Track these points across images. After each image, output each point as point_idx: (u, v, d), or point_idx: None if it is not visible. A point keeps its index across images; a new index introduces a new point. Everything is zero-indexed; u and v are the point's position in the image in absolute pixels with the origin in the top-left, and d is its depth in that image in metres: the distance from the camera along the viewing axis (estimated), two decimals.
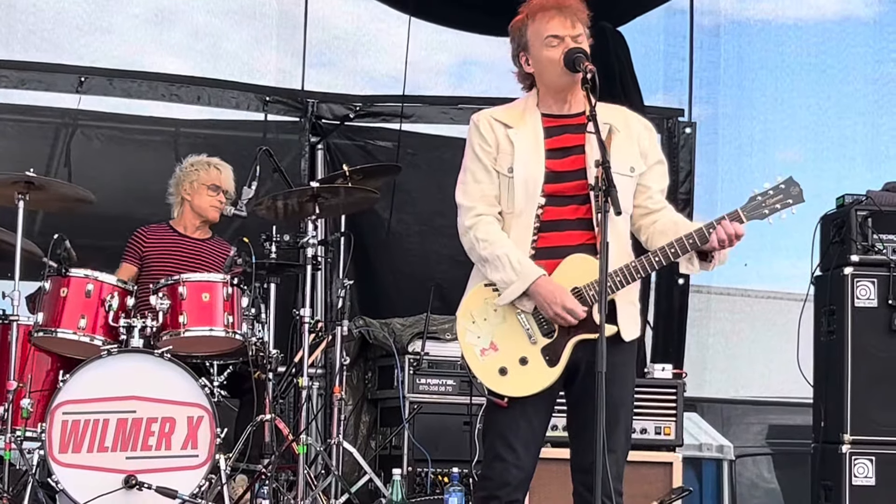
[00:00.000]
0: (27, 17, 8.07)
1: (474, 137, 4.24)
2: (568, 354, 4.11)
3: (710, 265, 4.18)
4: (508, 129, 4.21)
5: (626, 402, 4.20)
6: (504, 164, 4.18)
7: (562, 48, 4.16)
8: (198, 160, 6.83)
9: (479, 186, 4.20)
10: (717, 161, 9.11)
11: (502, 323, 4.15)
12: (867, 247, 6.43)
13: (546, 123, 4.22)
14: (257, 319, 6.12)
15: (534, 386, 4.11)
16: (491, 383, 4.14)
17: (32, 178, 5.76)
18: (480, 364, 4.15)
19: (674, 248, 4.11)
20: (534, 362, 4.12)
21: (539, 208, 4.14)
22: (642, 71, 8.86)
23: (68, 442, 5.52)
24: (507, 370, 4.12)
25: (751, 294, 10.76)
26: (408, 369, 7.08)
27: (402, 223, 8.37)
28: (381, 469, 6.94)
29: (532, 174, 4.15)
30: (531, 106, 4.27)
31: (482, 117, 4.27)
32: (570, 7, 4.21)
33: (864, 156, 9.25)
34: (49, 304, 5.80)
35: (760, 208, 4.16)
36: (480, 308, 4.18)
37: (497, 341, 4.15)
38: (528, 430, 4.15)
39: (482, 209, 4.19)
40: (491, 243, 4.14)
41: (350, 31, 8.70)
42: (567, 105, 4.24)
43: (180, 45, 8.62)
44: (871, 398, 6.34)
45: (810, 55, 9.40)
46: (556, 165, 4.17)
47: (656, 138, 4.36)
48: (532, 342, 4.13)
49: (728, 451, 7.37)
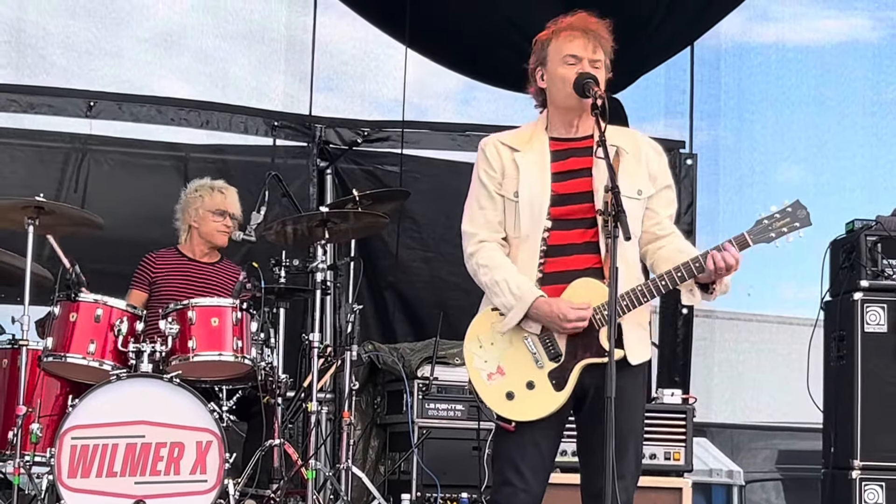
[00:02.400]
0: (36, 41, 8.09)
1: (480, 163, 4.26)
2: (575, 379, 4.10)
3: (710, 296, 4.17)
4: (515, 152, 4.22)
5: (634, 427, 4.19)
6: (510, 189, 4.18)
7: (577, 68, 4.17)
8: (201, 184, 6.82)
9: (482, 213, 4.22)
10: (718, 192, 9.15)
11: (509, 347, 4.15)
12: (877, 272, 6.42)
13: (553, 147, 4.23)
14: (266, 344, 6.12)
15: (541, 410, 4.10)
16: (498, 408, 4.14)
17: (42, 203, 5.76)
18: (487, 388, 4.15)
19: (680, 272, 4.10)
20: (541, 386, 4.11)
21: (545, 231, 4.14)
22: (643, 103, 8.92)
23: (77, 467, 5.51)
24: (514, 394, 4.12)
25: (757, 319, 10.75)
26: (417, 394, 7.07)
27: (409, 248, 8.38)
28: (389, 494, 6.92)
29: (537, 197, 4.15)
30: (539, 129, 4.27)
31: (489, 142, 4.28)
32: (595, 32, 4.23)
33: (863, 187, 9.28)
34: (58, 328, 5.80)
35: (767, 232, 4.15)
36: (487, 333, 4.19)
37: (504, 366, 4.14)
38: (537, 455, 4.14)
39: (485, 235, 4.20)
40: (491, 269, 4.15)
41: (357, 56, 8.73)
42: (574, 129, 4.25)
43: (189, 69, 8.64)
44: (882, 424, 6.33)
45: (810, 87, 9.45)
46: (562, 188, 4.17)
47: (666, 162, 4.35)
48: (539, 366, 4.12)
49: (738, 476, 7.35)
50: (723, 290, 4.16)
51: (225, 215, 6.70)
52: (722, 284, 4.14)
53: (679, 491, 6.16)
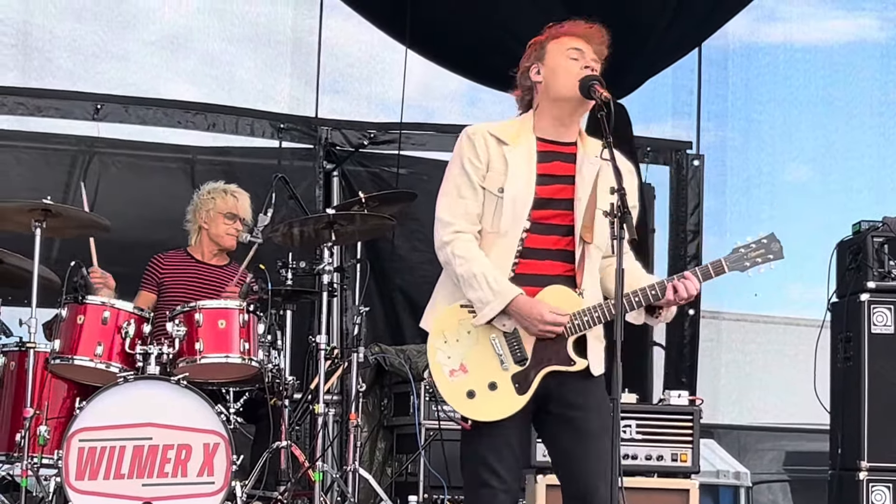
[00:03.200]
0: (43, 44, 8.11)
1: (466, 150, 4.16)
2: (537, 384, 4.09)
3: (655, 319, 4.22)
4: (504, 145, 4.15)
5: (608, 428, 4.05)
6: (494, 184, 4.12)
7: (581, 63, 4.15)
8: (215, 187, 6.83)
9: (463, 202, 4.14)
10: (725, 192, 9.14)
11: (475, 345, 4.12)
12: (884, 273, 6.42)
13: (540, 147, 4.18)
14: (273, 346, 6.12)
15: (500, 412, 4.08)
16: (457, 405, 4.11)
17: (49, 206, 5.77)
18: (448, 384, 4.11)
19: (637, 298, 4.13)
20: (503, 388, 4.09)
21: (524, 232, 4.10)
22: (650, 103, 8.91)
23: (85, 469, 5.51)
24: (476, 393, 4.09)
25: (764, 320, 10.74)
26: (423, 396, 7.07)
27: (417, 250, 8.37)
28: (397, 496, 6.93)
29: (521, 196, 4.11)
30: (527, 127, 4.21)
31: (478, 131, 4.18)
32: (596, 38, 4.22)
33: (871, 188, 9.27)
34: (66, 331, 5.80)
35: (742, 260, 4.21)
36: (454, 328, 4.13)
37: (467, 363, 4.11)
38: (511, 454, 4.13)
39: (462, 226, 4.13)
40: (468, 261, 4.08)
41: (363, 58, 8.74)
42: (563, 130, 4.20)
43: (195, 72, 8.66)
44: (889, 425, 6.31)
45: (818, 87, 9.44)
46: (544, 192, 4.13)
47: (636, 184, 4.33)
48: (503, 368, 4.10)
49: (745, 477, 7.35)
50: (668, 317, 4.23)
51: (235, 219, 6.71)
52: (668, 311, 4.21)
53: (686, 492, 6.16)
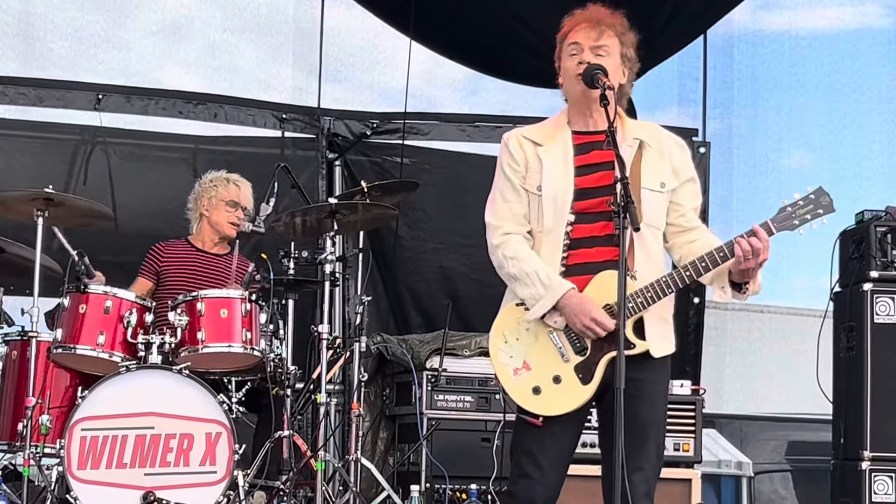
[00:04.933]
0: (44, 34, 8.09)
1: (504, 157, 4.27)
2: (602, 372, 4.09)
3: (742, 295, 4.16)
4: (538, 146, 4.23)
5: (656, 419, 4.19)
6: (533, 183, 4.20)
7: (577, 58, 4.18)
8: (217, 176, 6.84)
9: (507, 205, 4.22)
10: (731, 180, 9.11)
11: (534, 342, 4.16)
12: (886, 263, 6.42)
13: (576, 140, 4.24)
14: (275, 336, 6.13)
15: (568, 404, 4.11)
16: (525, 402, 4.14)
17: (51, 195, 5.76)
18: (514, 383, 4.15)
19: (704, 262, 4.09)
20: (567, 380, 4.11)
21: (568, 225, 4.15)
22: (656, 91, 8.87)
23: (87, 458, 5.51)
24: (541, 389, 4.12)
25: (768, 310, 10.73)
26: (425, 385, 7.06)
27: (419, 240, 8.37)
28: (398, 486, 6.93)
29: (561, 192, 4.16)
30: (562, 123, 4.29)
31: (512, 136, 4.29)
32: (600, 20, 4.24)
33: (880, 174, 9.24)
34: (68, 320, 5.80)
35: (791, 219, 4.14)
36: (512, 328, 4.19)
37: (530, 360, 4.15)
38: (556, 448, 4.15)
39: (510, 228, 4.21)
40: (519, 260, 4.15)
41: (366, 47, 8.72)
42: (592, 121, 4.25)
43: (197, 62, 8.64)
44: (892, 415, 6.32)
45: (825, 73, 9.42)
46: (585, 182, 4.17)
47: (689, 155, 4.34)
48: (565, 360, 4.13)
49: (747, 467, 7.35)
50: (755, 289, 4.15)
51: (237, 207, 6.71)
52: (755, 283, 4.13)
53: (688, 482, 6.17)
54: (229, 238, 6.76)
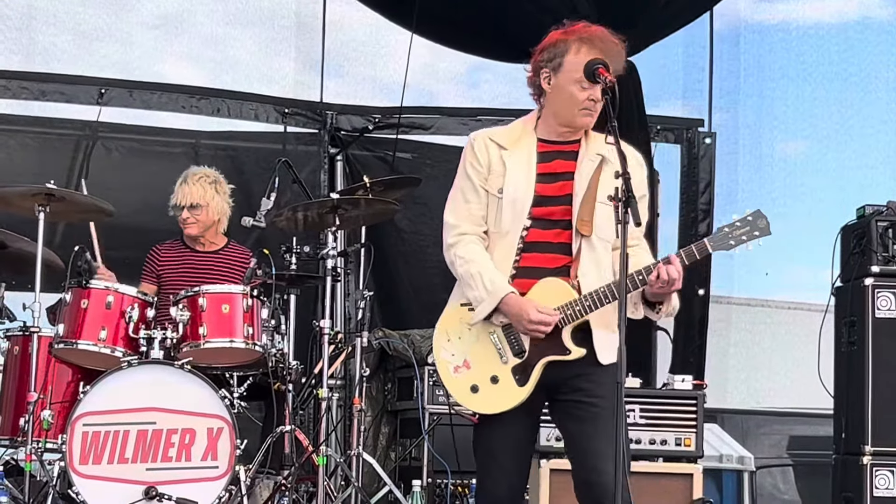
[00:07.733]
0: (47, 28, 8.10)
1: (468, 156, 4.34)
2: (538, 375, 4.20)
3: (656, 314, 4.26)
4: (503, 150, 4.30)
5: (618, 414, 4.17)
6: (494, 185, 4.27)
7: (590, 94, 4.18)
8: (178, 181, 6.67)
9: (467, 206, 4.31)
10: (737, 170, 9.09)
11: (476, 342, 4.27)
12: (888, 257, 6.41)
13: (540, 148, 4.31)
14: (277, 331, 6.13)
15: (503, 404, 4.22)
16: (463, 400, 4.28)
17: (53, 190, 5.77)
18: (453, 381, 4.28)
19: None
20: (504, 381, 4.23)
21: (524, 230, 4.24)
22: (662, 81, 8.84)
23: (89, 453, 5.53)
24: (479, 388, 4.24)
25: (771, 305, 10.73)
26: (427, 380, 7.06)
27: (420, 234, 8.37)
28: (400, 480, 6.93)
29: (521, 196, 4.23)
30: (529, 129, 4.35)
31: (479, 137, 4.36)
32: (613, 56, 4.19)
33: (886, 164, 9.22)
34: (69, 315, 5.81)
35: (727, 239, 4.25)
36: (456, 327, 4.30)
37: (470, 359, 4.27)
38: (516, 444, 4.28)
39: (466, 228, 4.29)
40: (468, 261, 4.25)
41: (368, 41, 8.72)
42: (563, 133, 4.30)
43: (198, 55, 8.66)
44: (893, 409, 6.32)
45: (831, 63, 9.40)
46: (546, 190, 4.25)
47: (645, 174, 4.39)
48: (503, 361, 4.24)
49: (748, 462, 7.35)
50: (668, 310, 4.26)
51: (183, 209, 6.61)
52: (668, 305, 4.25)
53: (690, 477, 6.16)
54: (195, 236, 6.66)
